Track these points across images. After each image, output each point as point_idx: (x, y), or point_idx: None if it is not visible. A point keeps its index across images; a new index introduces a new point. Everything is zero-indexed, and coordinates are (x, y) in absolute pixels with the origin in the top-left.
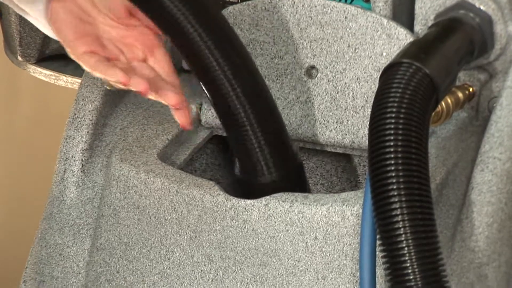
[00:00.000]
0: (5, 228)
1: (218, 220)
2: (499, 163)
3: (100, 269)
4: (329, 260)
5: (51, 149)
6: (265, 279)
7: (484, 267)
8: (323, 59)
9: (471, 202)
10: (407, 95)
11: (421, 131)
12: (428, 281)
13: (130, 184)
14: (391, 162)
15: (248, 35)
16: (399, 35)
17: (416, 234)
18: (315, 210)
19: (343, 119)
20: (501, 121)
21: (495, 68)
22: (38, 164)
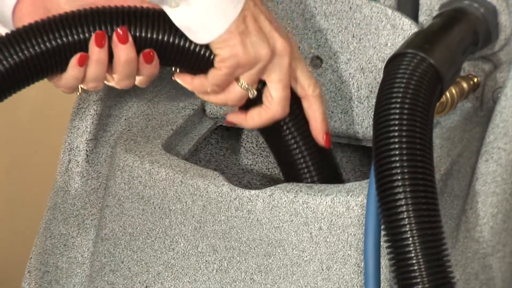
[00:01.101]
0: (8, 222)
1: (223, 211)
2: (503, 153)
3: (104, 259)
4: (333, 251)
5: (55, 140)
6: (269, 269)
7: (489, 258)
8: (327, 49)
9: (475, 192)
10: (411, 85)
11: (426, 121)
12: (433, 271)
13: (135, 174)
14: (396, 153)
15: None
16: (404, 26)
17: (420, 225)
18: (319, 200)
19: (347, 110)
20: (505, 111)
21: (500, 58)
22: (41, 155)
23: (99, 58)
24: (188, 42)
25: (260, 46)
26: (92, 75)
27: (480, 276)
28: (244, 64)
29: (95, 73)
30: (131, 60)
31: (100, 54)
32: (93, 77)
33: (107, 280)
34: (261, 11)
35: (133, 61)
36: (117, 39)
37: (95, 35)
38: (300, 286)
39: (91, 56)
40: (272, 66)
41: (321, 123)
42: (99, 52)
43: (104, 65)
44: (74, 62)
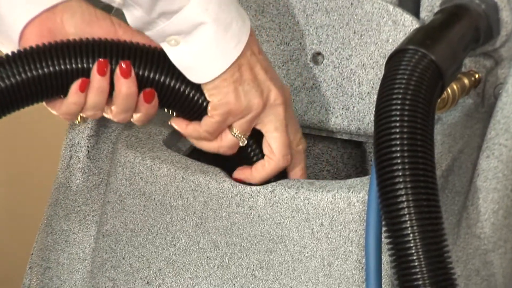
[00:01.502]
0: (9, 218)
1: (224, 207)
2: (505, 149)
3: (106, 256)
4: (335, 247)
5: (56, 136)
6: (270, 266)
7: (490, 254)
8: (329, 45)
9: (476, 188)
10: (412, 81)
11: (427, 117)
12: (433, 267)
13: (136, 170)
14: (397, 149)
15: (254, 22)
16: (405, 22)
17: (421, 221)
18: (321, 196)
19: (349, 106)
20: (507, 107)
21: (501, 54)
22: (42, 151)
23: (99, 86)
24: (188, 88)
25: (252, 95)
26: (92, 102)
27: (481, 272)
28: (236, 112)
29: (95, 101)
30: (131, 95)
31: (101, 83)
32: (93, 104)
33: (108, 276)
34: (258, 60)
35: (133, 96)
36: (120, 72)
37: (97, 63)
38: (302, 282)
39: (92, 84)
40: (265, 115)
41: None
42: (100, 80)
43: (105, 94)
44: (76, 88)
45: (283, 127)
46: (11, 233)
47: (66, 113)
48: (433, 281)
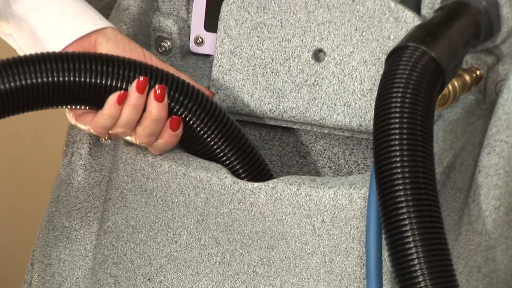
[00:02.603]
0: (11, 215)
1: (225, 203)
2: (506, 146)
3: (107, 252)
4: (336, 243)
5: (57, 133)
6: (272, 262)
7: (492, 250)
8: (330, 42)
9: (478, 185)
10: (413, 78)
11: (427, 114)
12: (433, 264)
13: (138, 167)
14: (396, 148)
15: (255, 18)
16: (407, 18)
17: (420, 218)
18: (322, 193)
19: (350, 102)
20: (508, 104)
21: (502, 51)
22: (44, 148)
23: (136, 104)
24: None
25: None
26: (126, 118)
27: (483, 269)
28: None
29: (129, 118)
30: (160, 119)
31: (138, 100)
32: (126, 121)
33: (109, 273)
34: None
35: (162, 121)
36: (154, 95)
37: (138, 80)
38: (303, 278)
39: (129, 100)
40: None
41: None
42: (138, 97)
43: (139, 113)
44: (113, 100)
45: None
46: (12, 230)
47: (99, 126)
48: (432, 276)
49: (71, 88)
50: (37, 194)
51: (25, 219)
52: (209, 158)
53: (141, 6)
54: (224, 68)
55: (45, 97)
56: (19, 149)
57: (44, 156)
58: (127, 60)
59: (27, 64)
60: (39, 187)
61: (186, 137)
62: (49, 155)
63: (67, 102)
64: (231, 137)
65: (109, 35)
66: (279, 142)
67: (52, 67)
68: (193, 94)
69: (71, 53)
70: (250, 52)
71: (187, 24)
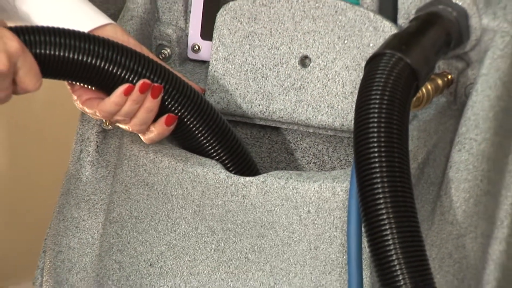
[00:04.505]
0: (23, 209)
1: (220, 196)
2: (475, 143)
3: (112, 240)
4: (320, 232)
5: (66, 132)
6: (262, 249)
7: (462, 238)
8: (315, 49)
9: (449, 179)
10: (389, 82)
11: (403, 115)
12: (407, 250)
13: (140, 163)
14: (374, 145)
15: (247, 28)
16: (385, 28)
17: (396, 209)
18: (308, 186)
19: (333, 104)
20: (476, 105)
21: (471, 57)
22: (53, 147)
23: (136, 99)
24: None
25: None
26: (126, 109)
27: (454, 255)
28: None
29: (129, 109)
30: (152, 111)
31: (139, 97)
32: (126, 112)
33: (114, 259)
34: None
35: (153, 113)
36: (151, 92)
37: (142, 82)
38: (290, 264)
39: (132, 95)
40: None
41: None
42: (139, 95)
43: (137, 106)
44: (121, 90)
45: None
46: (25, 222)
47: (104, 110)
48: (407, 261)
49: (94, 71)
50: (47, 189)
51: (36, 212)
52: (201, 152)
53: (143, 17)
54: (218, 73)
55: (71, 70)
56: (28, 147)
57: (53, 153)
58: (140, 55)
59: (69, 37)
60: (48, 182)
61: (179, 132)
62: (58, 153)
63: (86, 80)
64: (221, 133)
65: (108, 32)
66: (268, 140)
67: (88, 47)
68: (187, 92)
69: (102, 38)
70: (242, 58)
71: (185, 33)
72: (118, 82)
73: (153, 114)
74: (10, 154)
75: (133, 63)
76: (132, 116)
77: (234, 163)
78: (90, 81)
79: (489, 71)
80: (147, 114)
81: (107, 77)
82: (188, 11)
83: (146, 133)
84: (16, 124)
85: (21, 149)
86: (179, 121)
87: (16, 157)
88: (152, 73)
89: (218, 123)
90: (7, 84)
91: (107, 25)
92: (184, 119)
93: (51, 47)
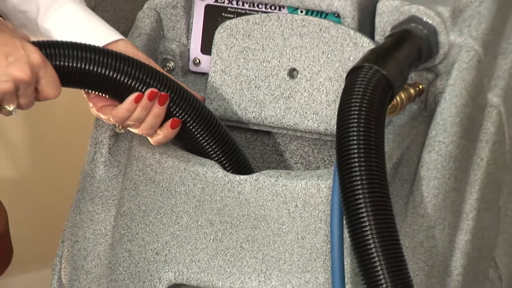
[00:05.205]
0: (44, 205)
1: (218, 192)
2: (443, 145)
3: (123, 231)
4: (307, 224)
5: (82, 136)
6: (255, 239)
7: (432, 230)
8: (302, 62)
9: (420, 177)
10: (367, 92)
11: (379, 120)
12: (384, 239)
13: (147, 163)
14: (354, 147)
15: (242, 44)
16: (363, 43)
17: (374, 203)
18: (296, 183)
19: (318, 111)
20: (444, 112)
21: (440, 69)
22: (70, 149)
23: (145, 106)
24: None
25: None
26: (136, 115)
27: (424, 244)
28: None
29: (138, 115)
30: (159, 117)
31: (148, 104)
32: (136, 117)
33: (125, 248)
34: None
35: (160, 118)
36: (158, 100)
37: (150, 91)
38: (280, 252)
39: (141, 102)
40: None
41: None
42: (148, 102)
43: (146, 112)
44: (132, 98)
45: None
46: (46, 215)
47: (117, 116)
48: (383, 249)
49: (108, 81)
50: (64, 186)
51: (56, 206)
52: (201, 154)
53: (150, 34)
54: (217, 83)
55: (87, 80)
56: (50, 149)
57: (66, 155)
58: (148, 67)
59: (89, 51)
60: (65, 181)
61: (182, 135)
62: (71, 155)
63: (101, 89)
64: (219, 137)
65: (120, 47)
66: (261, 143)
67: (103, 60)
68: (190, 100)
69: (115, 52)
70: (237, 70)
71: (187, 48)
72: (129, 91)
73: (160, 119)
74: (34, 156)
75: (142, 74)
76: (141, 121)
77: (230, 163)
78: (105, 90)
79: (456, 81)
80: (155, 119)
81: (120, 87)
82: (189, 29)
83: (154, 136)
84: (38, 128)
85: (43, 151)
86: (182, 126)
87: (38, 158)
88: (159, 83)
89: (217, 128)
90: (30, 92)
91: (119, 41)
92: (187, 123)
93: (69, 59)
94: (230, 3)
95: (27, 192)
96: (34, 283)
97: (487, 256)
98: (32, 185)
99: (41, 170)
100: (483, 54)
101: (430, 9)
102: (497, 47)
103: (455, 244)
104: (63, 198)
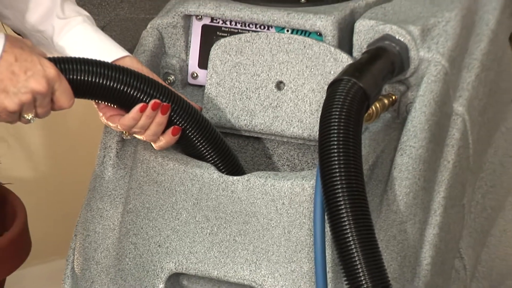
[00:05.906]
0: (59, 203)
1: (213, 191)
2: (413, 149)
3: (129, 226)
4: (292, 219)
5: (93, 141)
6: (246, 233)
7: (403, 224)
8: (288, 76)
9: (393, 178)
10: (346, 102)
11: (357, 127)
12: (361, 232)
13: (151, 165)
14: (334, 151)
15: (235, 59)
16: (343, 59)
17: (352, 201)
18: (283, 183)
19: (303, 119)
20: (415, 119)
21: (410, 82)
22: (83, 152)
23: (149, 115)
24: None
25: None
26: (141, 123)
27: (397, 238)
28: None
29: (143, 123)
30: (161, 125)
31: (151, 113)
32: (141, 125)
33: (131, 241)
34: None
35: (162, 126)
36: (161, 110)
37: (154, 102)
38: (269, 244)
39: (146, 112)
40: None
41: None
42: (151, 112)
43: (150, 120)
44: (137, 108)
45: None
46: (61, 212)
47: (124, 124)
48: (360, 240)
49: (116, 93)
50: (77, 187)
51: (70, 204)
52: (199, 157)
53: (153, 51)
54: (212, 95)
55: (97, 92)
56: (63, 153)
57: (79, 159)
58: (152, 81)
59: (100, 67)
60: (77, 181)
61: (182, 141)
62: (83, 158)
63: (110, 100)
64: (215, 142)
65: (127, 62)
66: (251, 147)
67: (111, 74)
68: (189, 109)
69: (122, 67)
70: (231, 83)
71: (186, 63)
72: (135, 102)
73: (163, 127)
74: (50, 159)
75: (147, 87)
76: (146, 128)
77: (225, 165)
78: (113, 101)
79: (425, 92)
80: (158, 127)
81: (126, 98)
82: (188, 46)
83: (157, 141)
84: (54, 135)
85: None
86: (182, 132)
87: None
88: (161, 95)
89: (213, 134)
90: (47, 102)
91: (125, 57)
92: (186, 131)
93: (81, 73)
94: (224, 23)
95: (44, 192)
96: (50, 272)
97: (453, 248)
98: (49, 185)
99: (56, 172)
100: (449, 68)
101: (402, 28)
102: (461, 62)
103: (425, 237)
104: (76, 197)
